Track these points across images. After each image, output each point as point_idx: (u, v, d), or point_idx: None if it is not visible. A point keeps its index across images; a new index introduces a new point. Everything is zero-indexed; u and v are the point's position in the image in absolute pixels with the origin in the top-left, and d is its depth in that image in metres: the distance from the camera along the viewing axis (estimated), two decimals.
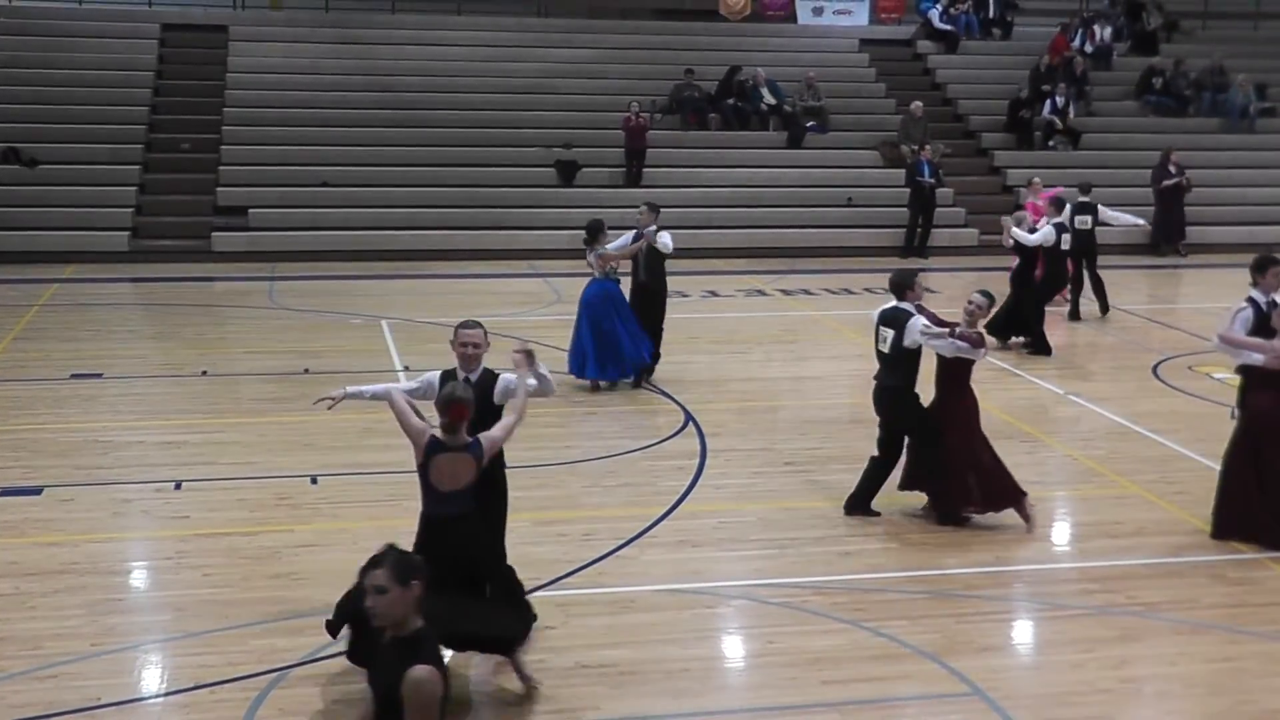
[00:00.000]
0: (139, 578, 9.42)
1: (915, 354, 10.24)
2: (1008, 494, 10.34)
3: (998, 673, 7.93)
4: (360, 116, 25.53)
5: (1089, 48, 29.64)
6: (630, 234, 14.70)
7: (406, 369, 14.97)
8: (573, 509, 10.67)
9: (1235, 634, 8.54)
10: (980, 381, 14.98)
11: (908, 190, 24.46)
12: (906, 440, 10.49)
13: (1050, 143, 27.28)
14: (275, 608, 8.60)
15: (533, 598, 8.81)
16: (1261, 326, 9.85)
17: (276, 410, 13.47)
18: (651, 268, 14.62)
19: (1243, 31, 33.11)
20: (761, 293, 20.66)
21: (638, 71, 27.77)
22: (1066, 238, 17.05)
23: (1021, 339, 16.70)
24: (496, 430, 7.59)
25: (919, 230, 24.34)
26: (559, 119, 26.05)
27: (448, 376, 8.02)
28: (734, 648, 8.43)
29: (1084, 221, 18.69)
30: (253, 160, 24.46)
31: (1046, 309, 16.94)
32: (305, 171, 24.26)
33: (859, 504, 10.55)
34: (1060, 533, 10.71)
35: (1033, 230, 16.85)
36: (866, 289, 20.33)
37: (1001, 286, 16.53)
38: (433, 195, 24.19)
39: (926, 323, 10.10)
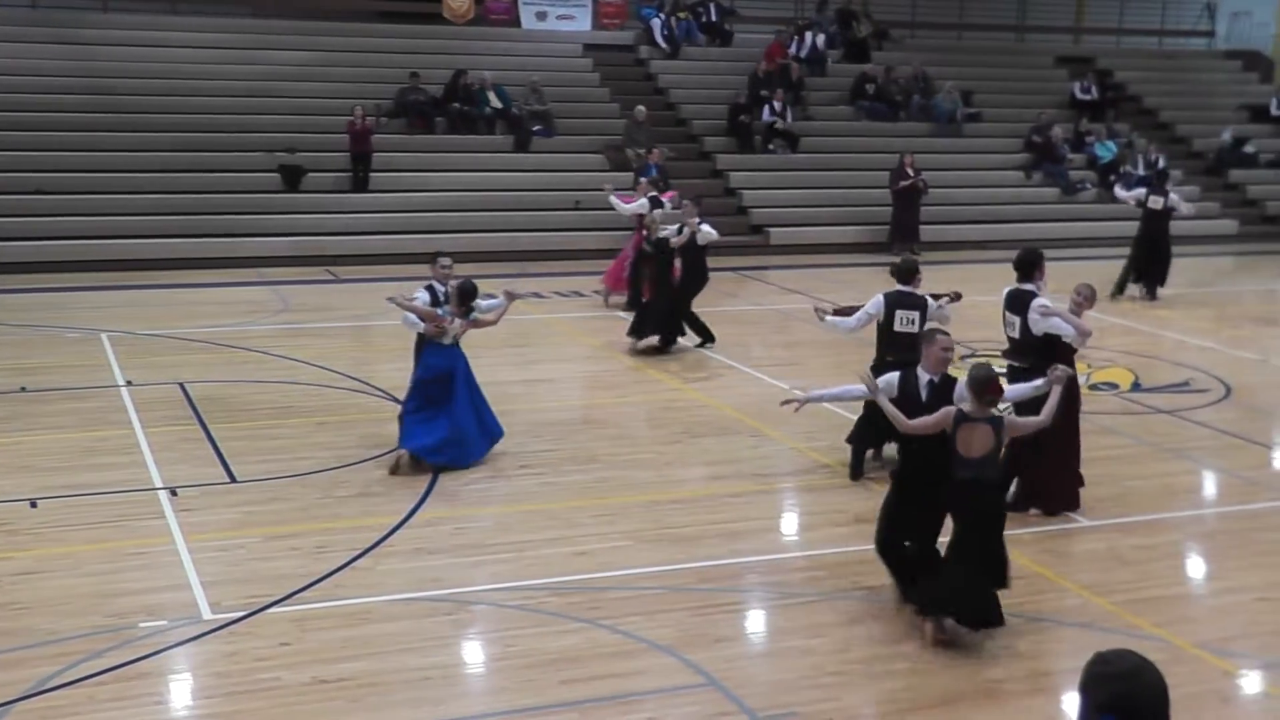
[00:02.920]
0: None
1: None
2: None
3: (732, 662, 8.17)
4: (75, 120, 24.49)
5: (803, 55, 30.58)
6: (499, 299, 12.65)
7: (129, 383, 14.49)
8: (306, 521, 10.51)
9: None
10: (708, 377, 15.45)
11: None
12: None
13: (770, 146, 28.05)
14: None
15: (266, 615, 8.70)
16: None
17: None
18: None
19: (948, 41, 34.73)
20: (491, 296, 20.64)
21: (361, 74, 27.42)
22: (708, 232, 17.14)
23: (655, 338, 16.72)
24: (1025, 420, 8.82)
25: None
26: (282, 123, 25.53)
27: (907, 377, 8.88)
28: (473, 653, 8.46)
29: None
30: None
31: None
32: (16, 178, 23.10)
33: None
34: (788, 523, 11.09)
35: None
36: (596, 291, 20.54)
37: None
38: (153, 202, 23.38)
39: (1046, 302, 10.90)
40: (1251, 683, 8.25)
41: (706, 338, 16.98)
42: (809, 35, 30.91)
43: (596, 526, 10.53)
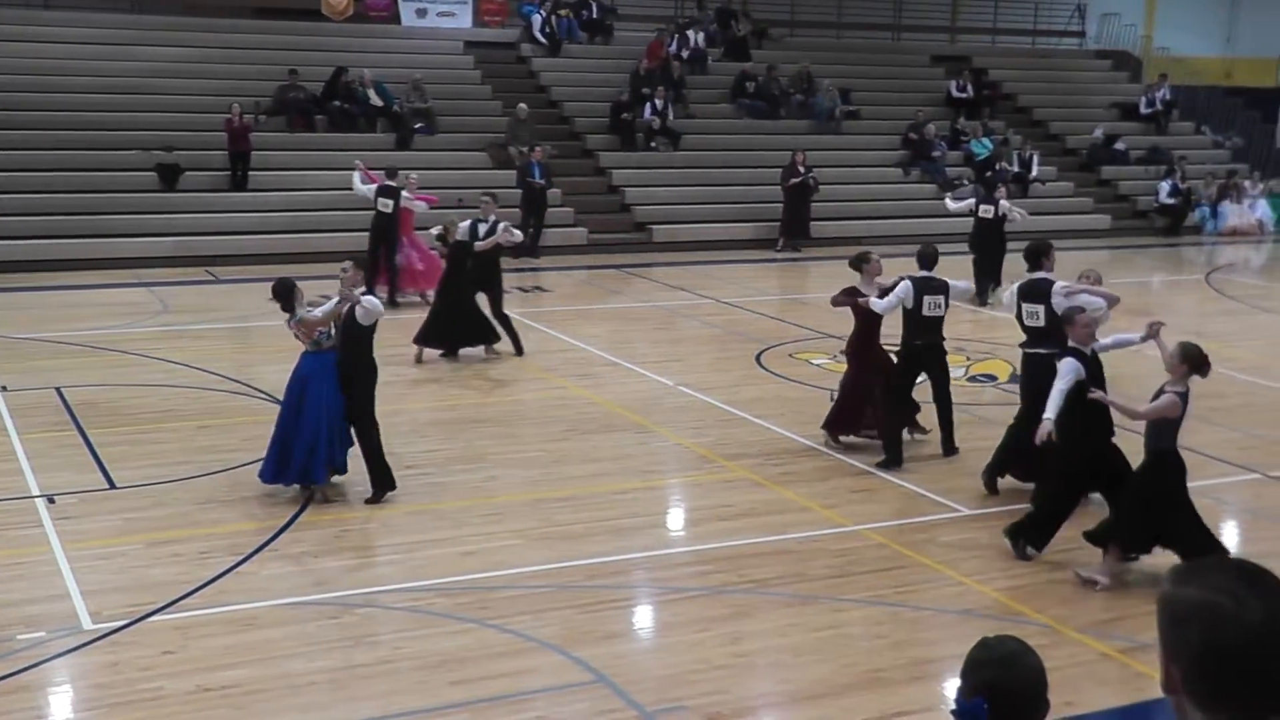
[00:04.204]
0: None
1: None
2: None
3: (620, 658, 8.22)
4: None
5: (685, 53, 30.70)
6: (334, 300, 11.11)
7: (4, 388, 14.13)
8: (188, 527, 10.36)
9: (840, 602, 9.12)
10: (594, 375, 15.47)
11: (519, 191, 24.75)
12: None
13: (652, 144, 28.14)
14: None
15: (148, 623, 8.55)
16: None
17: None
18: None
19: (827, 40, 35.09)
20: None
21: (239, 72, 27.00)
22: (514, 235, 16.51)
23: (483, 347, 16.26)
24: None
25: (530, 230, 24.65)
26: (158, 120, 25.03)
27: (1081, 358, 9.53)
28: (361, 656, 8.38)
29: (386, 205, 19.17)
30: None
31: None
32: None
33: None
34: (675, 518, 11.16)
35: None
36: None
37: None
38: (26, 202, 22.83)
39: (1066, 284, 11.47)
40: (1126, 663, 8.46)
41: (490, 341, 16.27)
42: (689, 33, 31.05)
43: (484, 526, 10.50)
